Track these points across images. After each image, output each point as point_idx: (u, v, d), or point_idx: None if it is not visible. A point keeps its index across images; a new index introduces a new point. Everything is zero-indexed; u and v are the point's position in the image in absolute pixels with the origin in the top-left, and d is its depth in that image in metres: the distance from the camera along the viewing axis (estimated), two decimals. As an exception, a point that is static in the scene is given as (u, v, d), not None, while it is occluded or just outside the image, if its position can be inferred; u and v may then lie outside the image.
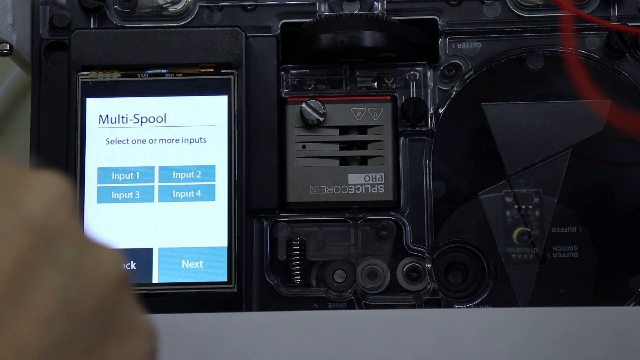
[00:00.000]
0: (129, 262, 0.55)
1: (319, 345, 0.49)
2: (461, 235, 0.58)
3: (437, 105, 0.59)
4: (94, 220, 0.56)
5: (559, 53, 0.59)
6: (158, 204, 0.56)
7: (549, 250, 0.58)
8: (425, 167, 0.59)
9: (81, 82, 0.57)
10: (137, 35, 0.57)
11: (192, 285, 0.55)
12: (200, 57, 0.57)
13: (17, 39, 0.58)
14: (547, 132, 0.58)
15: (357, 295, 0.58)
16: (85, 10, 0.60)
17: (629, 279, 0.58)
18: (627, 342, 0.49)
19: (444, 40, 0.60)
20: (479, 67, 0.60)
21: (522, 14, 0.60)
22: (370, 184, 0.58)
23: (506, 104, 0.59)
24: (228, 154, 0.56)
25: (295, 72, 0.60)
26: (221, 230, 0.55)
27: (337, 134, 0.59)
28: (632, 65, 0.59)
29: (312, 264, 0.59)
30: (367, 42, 0.58)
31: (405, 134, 0.59)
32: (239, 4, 0.61)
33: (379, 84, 0.60)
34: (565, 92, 0.59)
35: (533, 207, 0.58)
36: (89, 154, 0.56)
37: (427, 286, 0.58)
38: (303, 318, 0.51)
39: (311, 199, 0.58)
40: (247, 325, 0.50)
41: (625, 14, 0.59)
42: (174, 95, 0.56)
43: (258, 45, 0.59)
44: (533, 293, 0.58)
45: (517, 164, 0.58)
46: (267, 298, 0.58)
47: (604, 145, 0.59)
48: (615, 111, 0.58)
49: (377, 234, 0.59)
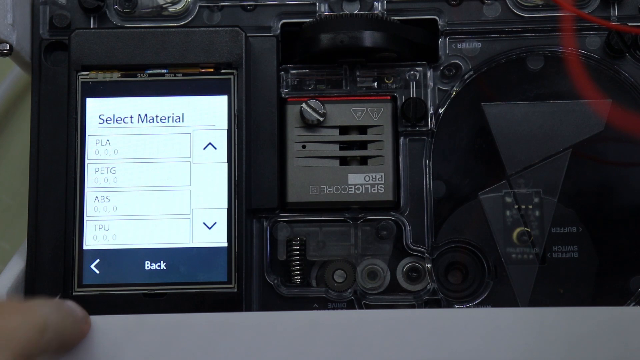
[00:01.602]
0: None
1: (319, 345, 0.49)
2: (461, 235, 0.58)
3: (437, 105, 0.59)
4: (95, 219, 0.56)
5: (559, 53, 0.59)
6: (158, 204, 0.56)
7: (549, 250, 0.58)
8: (425, 167, 0.59)
9: (81, 82, 0.57)
10: (137, 35, 0.57)
11: (192, 285, 0.55)
12: (200, 57, 0.57)
13: (17, 39, 0.58)
14: (547, 132, 0.58)
15: (357, 295, 0.58)
16: (85, 10, 0.60)
17: (629, 279, 0.58)
18: (627, 342, 0.49)
19: (444, 40, 0.60)
20: (479, 67, 0.60)
21: (522, 14, 0.60)
22: (370, 184, 0.58)
23: (506, 104, 0.59)
24: (228, 154, 0.56)
25: (295, 72, 0.60)
26: (221, 230, 0.55)
27: (337, 134, 0.59)
28: (632, 65, 0.59)
29: (312, 264, 0.59)
30: (367, 42, 0.58)
31: (405, 134, 0.59)
32: (239, 4, 0.61)
33: (379, 84, 0.60)
34: (565, 92, 0.59)
35: (533, 207, 0.58)
36: (89, 154, 0.56)
37: (427, 286, 0.58)
38: (303, 318, 0.51)
39: (311, 199, 0.58)
40: (247, 325, 0.50)
41: (625, 14, 0.59)
42: (174, 95, 0.57)
43: (258, 45, 0.59)
44: (533, 293, 0.58)
45: (517, 164, 0.58)
46: (267, 298, 0.58)
47: (604, 145, 0.59)
48: (615, 111, 0.58)
49: (377, 234, 0.59)
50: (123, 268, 0.55)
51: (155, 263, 0.55)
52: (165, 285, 0.55)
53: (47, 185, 0.58)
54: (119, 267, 0.55)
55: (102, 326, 0.50)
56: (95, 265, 0.55)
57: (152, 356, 0.50)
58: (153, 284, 0.55)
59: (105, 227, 0.55)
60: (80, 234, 0.55)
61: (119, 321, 0.50)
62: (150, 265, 0.55)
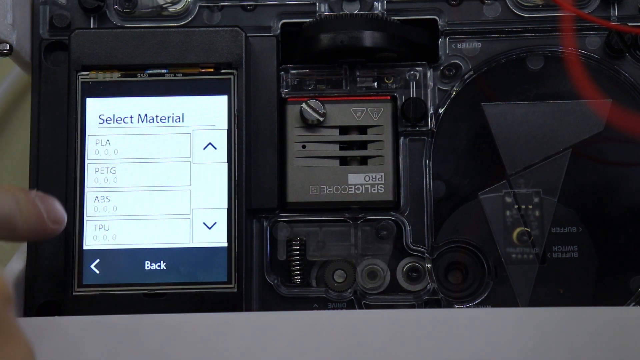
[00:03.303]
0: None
1: (319, 346, 0.49)
2: (461, 235, 0.58)
3: (437, 105, 0.59)
4: (95, 219, 0.56)
5: (559, 53, 0.59)
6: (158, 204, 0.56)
7: (549, 250, 0.58)
8: (425, 167, 0.59)
9: (81, 82, 0.57)
10: (137, 35, 0.57)
11: (192, 285, 0.55)
12: (200, 57, 0.57)
13: (17, 39, 0.58)
14: (547, 132, 0.58)
15: (357, 295, 0.58)
16: (85, 10, 0.60)
17: (629, 279, 0.58)
18: (627, 342, 0.49)
19: (444, 40, 0.60)
20: (479, 67, 0.60)
21: (522, 14, 0.60)
22: (370, 184, 0.58)
23: (506, 104, 0.59)
24: (228, 154, 0.56)
25: (295, 72, 0.60)
26: (221, 230, 0.55)
27: (337, 134, 0.59)
28: (632, 65, 0.59)
29: (312, 264, 0.59)
30: (367, 42, 0.58)
31: (405, 134, 0.59)
32: (239, 4, 0.61)
33: (379, 84, 0.60)
34: (565, 92, 0.59)
35: (533, 207, 0.58)
36: (89, 154, 0.56)
37: (427, 286, 0.58)
38: (303, 318, 0.51)
39: (311, 199, 0.58)
40: (247, 325, 0.50)
41: (625, 14, 0.59)
42: (174, 95, 0.57)
43: (258, 45, 0.59)
44: (533, 293, 0.58)
45: (517, 164, 0.58)
46: (267, 298, 0.58)
47: (604, 145, 0.59)
48: (615, 111, 0.58)
49: (377, 234, 0.59)
50: (123, 268, 0.55)
51: (155, 263, 0.55)
52: (165, 285, 0.55)
53: (47, 185, 0.57)
54: (119, 267, 0.55)
55: (102, 326, 0.50)
56: (95, 265, 0.55)
57: (152, 356, 0.50)
58: (153, 284, 0.55)
59: (105, 227, 0.55)
60: (80, 234, 0.55)
61: (119, 321, 0.50)
62: (150, 265, 0.55)
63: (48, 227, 0.48)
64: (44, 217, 0.48)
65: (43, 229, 0.48)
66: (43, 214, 0.48)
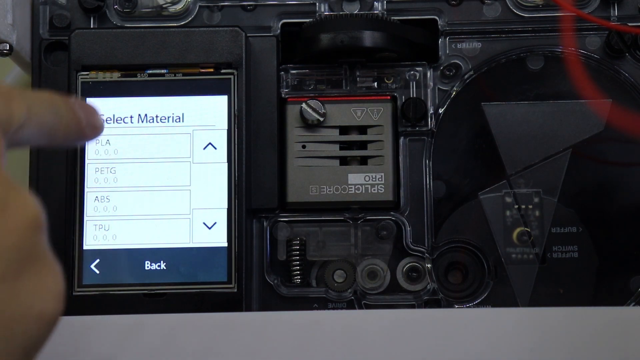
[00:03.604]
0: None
1: (319, 346, 0.49)
2: (461, 235, 0.58)
3: (437, 105, 0.59)
4: (95, 219, 0.56)
5: (559, 53, 0.59)
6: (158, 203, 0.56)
7: (549, 250, 0.58)
8: (425, 167, 0.59)
9: (81, 82, 0.57)
10: (137, 35, 0.57)
11: (192, 285, 0.55)
12: (200, 57, 0.57)
13: (17, 39, 0.58)
14: (547, 132, 0.58)
15: (357, 295, 0.58)
16: (85, 10, 0.60)
17: (629, 279, 0.58)
18: (627, 342, 0.49)
19: (444, 40, 0.60)
20: (479, 67, 0.60)
21: (522, 14, 0.60)
22: (370, 184, 0.58)
23: (506, 104, 0.59)
24: (228, 153, 0.56)
25: (295, 72, 0.60)
26: (221, 230, 0.55)
27: (337, 134, 0.59)
28: (632, 65, 0.59)
29: (312, 264, 0.59)
30: (367, 42, 0.58)
31: (405, 134, 0.59)
32: (239, 4, 0.61)
33: (379, 84, 0.60)
34: (565, 92, 0.59)
35: (533, 207, 0.58)
36: (89, 154, 0.56)
37: (427, 286, 0.58)
38: (303, 318, 0.51)
39: (311, 199, 0.58)
40: (247, 325, 0.50)
41: (625, 14, 0.59)
42: (174, 95, 0.56)
43: (258, 45, 0.59)
44: (533, 293, 0.58)
45: (517, 164, 0.58)
46: (267, 298, 0.58)
47: (604, 145, 0.59)
48: (615, 111, 0.58)
49: (377, 234, 0.59)
50: (123, 268, 0.55)
51: (155, 263, 0.55)
52: (165, 285, 0.55)
53: (47, 185, 0.57)
54: (119, 267, 0.55)
55: (102, 326, 0.50)
56: (95, 265, 0.55)
57: (152, 356, 0.50)
58: (153, 284, 0.55)
59: (105, 227, 0.55)
60: (80, 233, 0.55)
61: (119, 321, 0.50)
62: (150, 265, 0.55)
63: (87, 134, 0.48)
64: (83, 124, 0.47)
65: (82, 135, 0.48)
66: (82, 121, 0.47)
